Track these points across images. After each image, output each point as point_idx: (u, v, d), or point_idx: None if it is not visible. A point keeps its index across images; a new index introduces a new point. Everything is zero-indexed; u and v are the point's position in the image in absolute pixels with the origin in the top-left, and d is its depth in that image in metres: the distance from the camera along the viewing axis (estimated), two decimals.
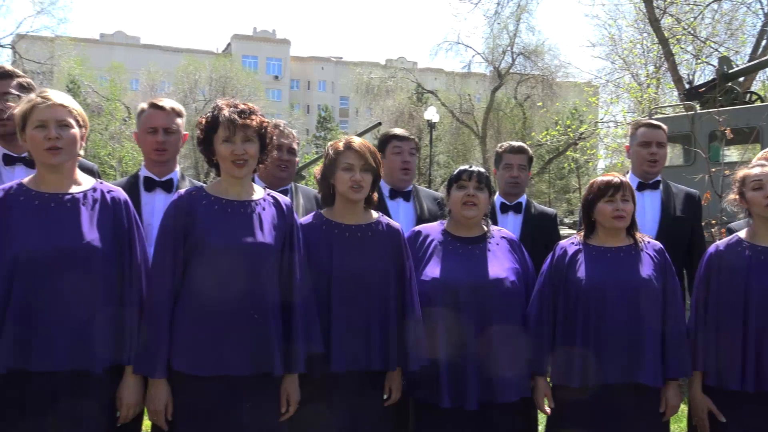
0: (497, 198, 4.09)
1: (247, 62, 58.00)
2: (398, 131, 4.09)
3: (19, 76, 3.26)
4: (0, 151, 3.20)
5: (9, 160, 3.18)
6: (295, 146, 3.69)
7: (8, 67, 3.35)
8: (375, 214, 3.08)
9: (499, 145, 4.32)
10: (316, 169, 3.12)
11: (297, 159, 3.77)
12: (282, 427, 2.75)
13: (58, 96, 2.57)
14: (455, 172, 3.27)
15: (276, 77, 64.20)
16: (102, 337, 2.50)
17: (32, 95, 2.58)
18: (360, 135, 9.27)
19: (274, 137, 2.87)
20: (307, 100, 66.73)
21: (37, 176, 2.60)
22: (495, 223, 3.67)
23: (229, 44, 64.80)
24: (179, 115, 3.40)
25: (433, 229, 3.32)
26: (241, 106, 2.71)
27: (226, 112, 2.67)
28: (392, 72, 36.54)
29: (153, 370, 2.58)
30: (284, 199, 2.86)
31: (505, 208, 4.07)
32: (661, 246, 3.19)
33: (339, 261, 2.91)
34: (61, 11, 29.61)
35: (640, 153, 3.95)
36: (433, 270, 3.13)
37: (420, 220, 3.86)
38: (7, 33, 28.97)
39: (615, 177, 3.14)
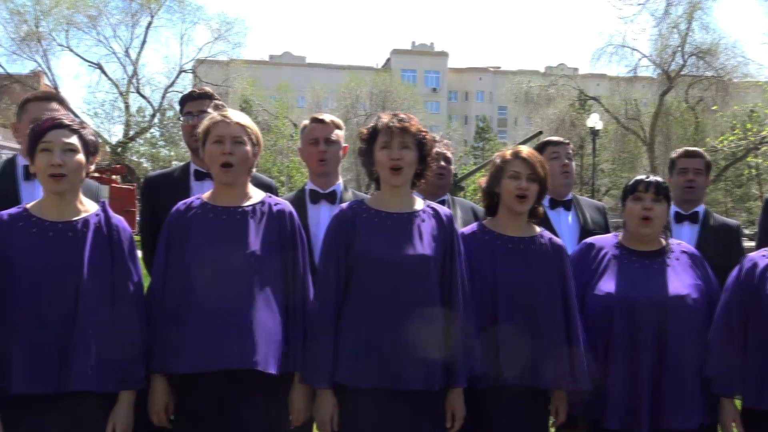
0: (671, 207, 3.84)
1: (406, 76, 59.06)
2: (553, 137, 4.09)
3: (215, 98, 3.52)
4: (192, 167, 3.47)
5: (199, 176, 3.42)
6: (449, 155, 3.77)
7: (207, 88, 3.65)
8: (538, 228, 3.00)
9: (674, 151, 4.10)
10: (481, 178, 3.09)
11: (453, 168, 3.78)
12: None
13: (236, 115, 2.74)
14: (631, 183, 3.08)
15: (434, 89, 64.91)
16: (274, 342, 2.58)
17: (214, 113, 2.76)
18: (523, 145, 9.10)
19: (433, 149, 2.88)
20: (465, 111, 66.80)
21: (215, 191, 2.76)
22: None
23: (388, 59, 66.42)
24: (338, 127, 3.52)
25: (607, 241, 3.15)
26: (401, 115, 2.75)
27: (385, 119, 2.74)
28: (552, 79, 35.65)
29: (317, 381, 2.63)
30: (444, 210, 2.84)
31: (679, 218, 3.80)
32: None
33: (503, 273, 2.85)
34: (235, 36, 31.73)
35: None
36: (607, 285, 2.97)
37: (584, 230, 3.75)
38: (190, 59, 31.40)
39: None
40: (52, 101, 3.21)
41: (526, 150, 2.94)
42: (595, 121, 25.57)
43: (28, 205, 2.57)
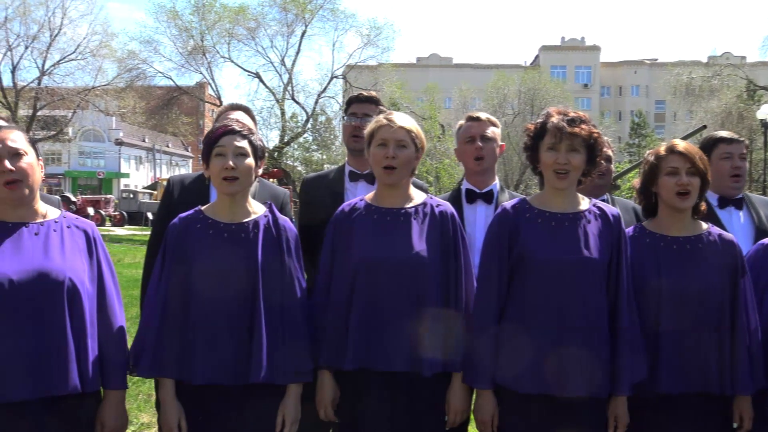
0: None
1: (555, 72, 57.76)
2: (725, 134, 3.77)
3: (380, 104, 3.61)
4: (347, 168, 3.59)
5: (354, 177, 3.54)
6: (610, 153, 3.64)
7: (374, 94, 3.76)
8: (705, 225, 2.80)
9: None
10: (635, 180, 2.94)
11: (612, 167, 3.68)
12: None
13: (401, 119, 2.78)
14: None
15: (585, 85, 62.95)
16: (433, 342, 2.60)
17: (380, 117, 2.82)
18: (683, 140, 8.63)
19: (603, 149, 2.77)
20: (619, 106, 64.28)
21: (378, 192, 2.82)
22: None
23: (537, 56, 65.21)
24: (494, 124, 3.51)
25: None
26: (572, 114, 2.65)
27: (554, 119, 2.64)
28: (716, 69, 33.40)
29: (479, 381, 2.63)
30: (611, 210, 2.73)
31: None
32: None
33: (667, 276, 2.69)
34: (384, 41, 32.36)
35: None
36: None
37: (758, 230, 3.50)
38: (341, 65, 32.41)
39: None
40: (237, 110, 3.47)
41: (681, 143, 2.77)
42: (766, 112, 23.71)
43: (203, 208, 2.74)
